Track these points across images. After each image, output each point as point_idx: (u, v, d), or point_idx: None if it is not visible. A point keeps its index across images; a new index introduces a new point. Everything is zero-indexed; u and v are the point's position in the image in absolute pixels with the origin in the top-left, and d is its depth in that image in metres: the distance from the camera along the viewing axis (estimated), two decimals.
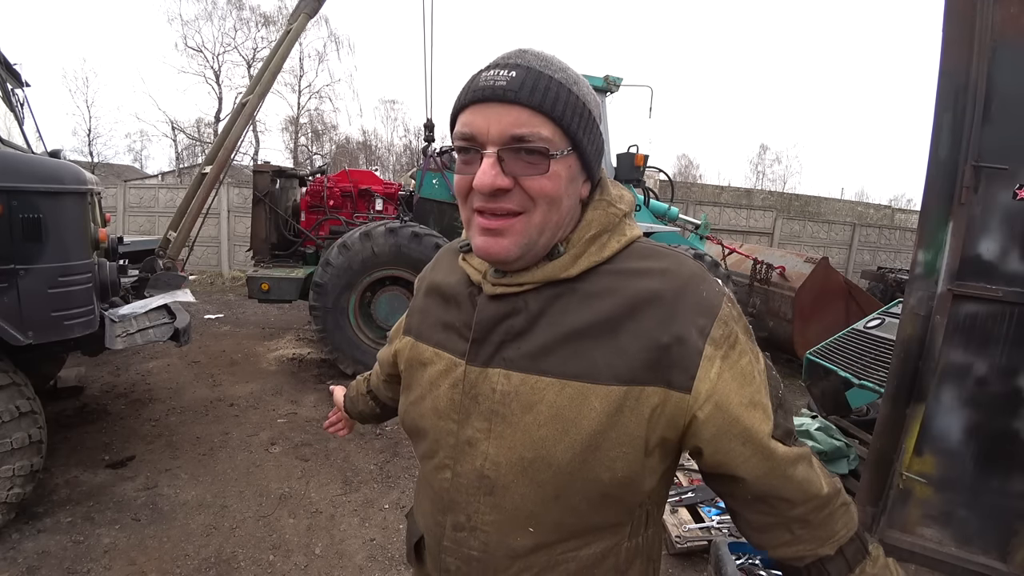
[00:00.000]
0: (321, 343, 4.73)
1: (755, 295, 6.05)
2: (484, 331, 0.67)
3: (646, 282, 0.63)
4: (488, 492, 0.66)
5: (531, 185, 0.60)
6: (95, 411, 3.81)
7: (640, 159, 5.29)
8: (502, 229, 0.62)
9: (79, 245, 2.45)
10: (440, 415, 0.70)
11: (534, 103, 0.58)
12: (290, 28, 4.95)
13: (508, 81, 0.58)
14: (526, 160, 0.59)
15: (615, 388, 0.61)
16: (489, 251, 0.63)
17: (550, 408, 0.62)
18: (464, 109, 0.62)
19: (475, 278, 0.70)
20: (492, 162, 0.59)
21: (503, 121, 0.58)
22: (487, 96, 0.59)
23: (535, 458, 0.63)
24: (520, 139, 0.59)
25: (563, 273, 0.65)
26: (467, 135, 0.61)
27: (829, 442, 2.79)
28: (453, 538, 0.69)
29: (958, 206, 1.81)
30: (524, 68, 0.59)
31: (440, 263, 0.83)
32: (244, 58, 19.91)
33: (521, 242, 0.62)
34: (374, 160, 24.63)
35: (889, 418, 1.98)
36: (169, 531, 2.55)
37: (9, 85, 3.41)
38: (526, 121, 0.58)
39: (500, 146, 0.59)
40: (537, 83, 0.59)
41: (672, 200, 6.46)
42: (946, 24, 1.80)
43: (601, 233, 0.66)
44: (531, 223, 0.62)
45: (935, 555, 1.95)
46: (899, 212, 17.65)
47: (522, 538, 0.66)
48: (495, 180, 0.59)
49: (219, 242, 9.87)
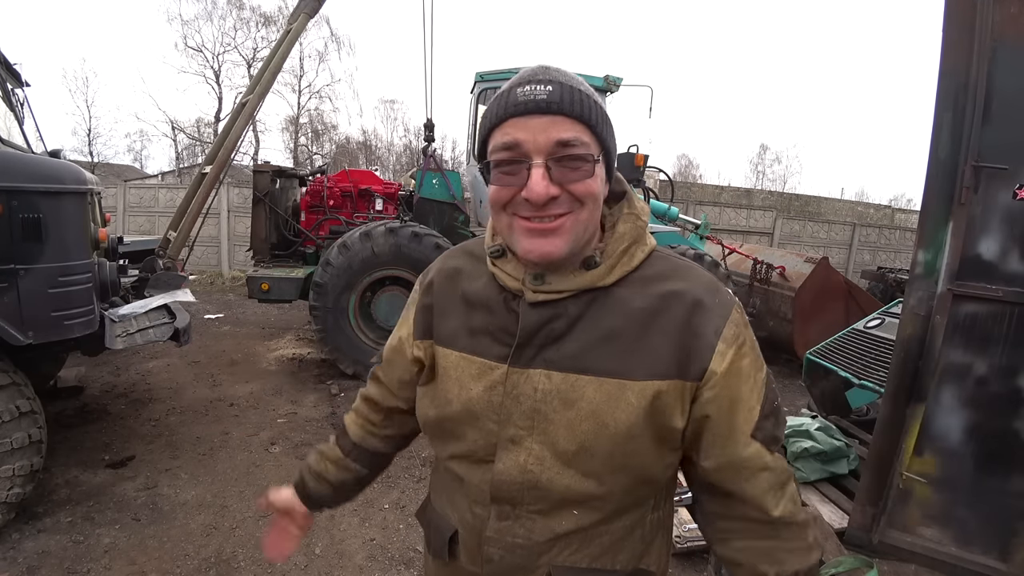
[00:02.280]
0: (321, 343, 4.73)
1: (755, 295, 6.05)
2: (528, 336, 0.70)
3: (671, 285, 0.70)
4: (533, 486, 0.70)
5: (578, 189, 0.64)
6: (95, 411, 3.81)
7: (640, 159, 5.28)
8: (553, 230, 0.65)
9: (79, 245, 2.45)
10: (476, 416, 0.72)
11: (575, 112, 0.63)
12: (290, 28, 4.95)
13: (548, 94, 0.62)
14: (570, 166, 0.63)
15: (648, 383, 0.66)
16: (542, 251, 0.66)
17: (590, 404, 0.67)
18: (502, 123, 0.65)
19: (512, 285, 0.73)
20: (543, 172, 0.63)
21: (548, 130, 0.62)
22: (530, 109, 0.63)
23: (578, 450, 0.68)
24: (566, 144, 0.63)
25: (600, 282, 0.70)
26: (511, 144, 0.64)
27: (829, 442, 2.78)
28: (497, 528, 0.73)
29: (958, 206, 1.81)
30: (558, 83, 0.63)
31: (452, 267, 0.82)
32: (244, 58, 19.95)
33: (571, 239, 0.66)
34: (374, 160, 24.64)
35: (889, 418, 1.98)
36: (169, 531, 2.55)
37: (9, 85, 3.41)
38: (570, 128, 0.63)
39: (547, 155, 0.63)
40: (573, 95, 0.63)
41: (672, 200, 6.46)
42: (946, 24, 1.80)
43: (632, 245, 0.72)
44: (579, 220, 0.66)
45: (935, 555, 1.95)
46: (899, 212, 17.66)
47: (566, 521, 0.71)
48: (548, 190, 0.63)
49: (219, 242, 9.87)
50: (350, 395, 4.39)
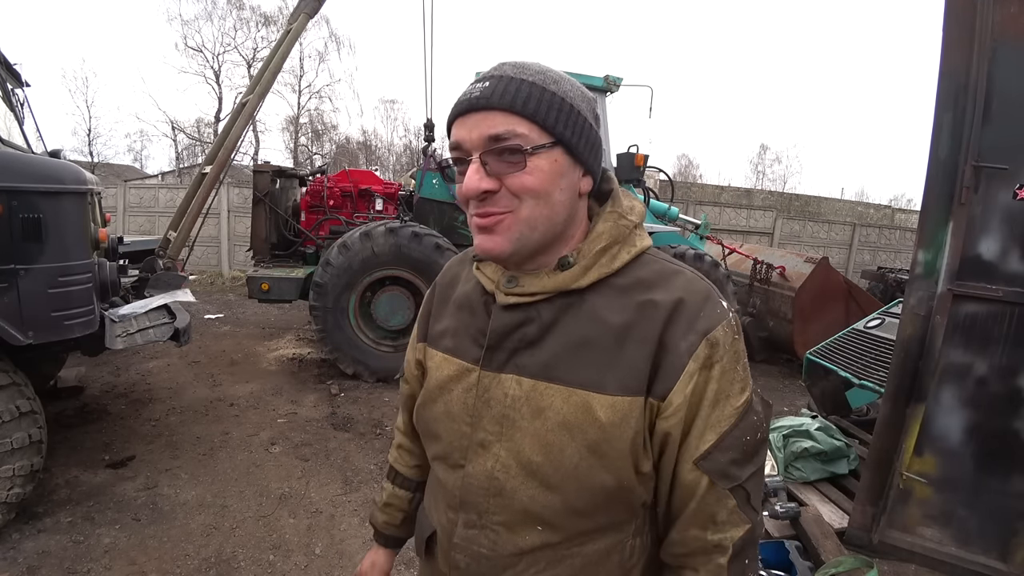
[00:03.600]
0: (321, 343, 4.72)
1: (755, 295, 6.05)
2: (498, 339, 0.70)
3: (651, 294, 0.66)
4: (497, 493, 0.69)
5: (513, 183, 0.63)
6: (95, 411, 3.81)
7: (640, 159, 5.28)
8: (493, 226, 0.65)
9: (79, 245, 2.45)
10: (453, 418, 0.72)
11: (505, 104, 0.62)
12: (290, 28, 4.95)
13: (482, 91, 0.63)
14: (506, 160, 0.63)
15: (618, 398, 0.64)
16: (484, 248, 0.66)
17: (557, 414, 0.65)
18: (451, 125, 0.66)
19: (488, 287, 0.73)
20: (476, 167, 0.63)
21: (480, 126, 0.62)
22: (466, 108, 0.64)
23: (543, 462, 0.66)
24: (496, 138, 0.62)
25: (573, 284, 0.67)
26: (454, 145, 0.66)
27: (829, 442, 2.78)
28: (464, 535, 0.72)
29: (958, 206, 1.81)
30: (497, 78, 0.63)
31: (452, 272, 0.85)
32: (244, 58, 19.94)
33: (512, 237, 0.65)
34: (374, 160, 24.63)
35: (889, 418, 1.98)
36: (169, 531, 2.55)
37: (9, 85, 3.41)
38: (500, 122, 0.62)
39: (481, 150, 0.63)
40: (509, 87, 0.62)
41: (672, 200, 6.46)
42: (946, 24, 1.80)
43: (611, 245, 0.69)
44: (519, 218, 0.64)
45: (935, 555, 1.95)
46: (899, 212, 17.65)
47: (530, 537, 0.68)
48: (479, 183, 0.63)
49: (219, 242, 9.87)
50: (350, 395, 4.39)
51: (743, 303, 6.09)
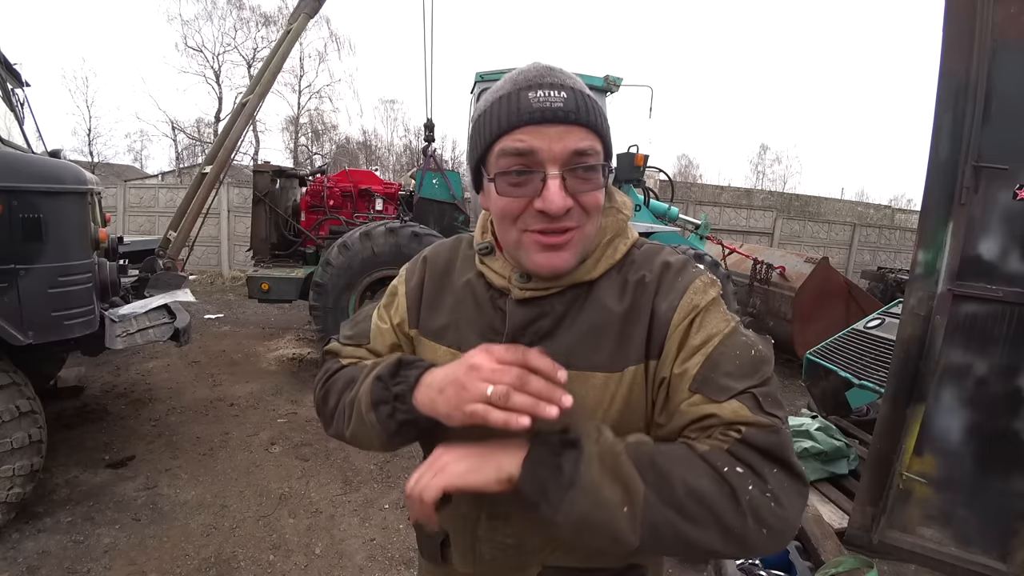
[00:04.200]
0: (321, 343, 4.73)
1: (755, 295, 6.05)
2: (516, 333, 0.70)
3: (641, 274, 0.70)
4: None
5: (588, 200, 0.64)
6: (95, 411, 3.81)
7: (640, 159, 5.29)
8: (563, 244, 0.65)
9: (79, 245, 2.45)
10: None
11: (590, 122, 0.62)
12: (290, 28, 4.95)
13: (564, 102, 0.61)
14: (583, 177, 0.62)
15: (627, 371, 0.67)
16: (551, 265, 0.66)
17: (580, 400, 0.65)
18: (513, 130, 0.62)
19: (499, 283, 0.73)
20: (559, 183, 0.61)
21: (565, 139, 0.61)
22: (547, 117, 0.60)
23: None
24: (582, 154, 0.62)
25: (587, 276, 0.70)
26: (526, 151, 0.61)
27: (829, 442, 2.78)
28: (488, 527, 0.73)
29: (958, 206, 1.81)
30: (570, 89, 0.62)
31: (445, 258, 0.81)
32: (244, 58, 19.90)
33: (578, 252, 0.67)
34: (374, 160, 24.61)
35: (889, 418, 1.98)
36: (169, 531, 2.55)
37: (9, 85, 3.41)
38: (584, 137, 0.62)
39: (564, 166, 0.61)
40: (587, 103, 0.62)
41: (672, 200, 6.47)
42: (946, 24, 1.80)
43: (614, 238, 0.72)
44: (585, 234, 0.66)
45: (935, 555, 1.95)
46: (899, 212, 17.66)
47: None
48: (566, 201, 0.61)
49: (219, 242, 9.87)
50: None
51: (743, 303, 6.09)
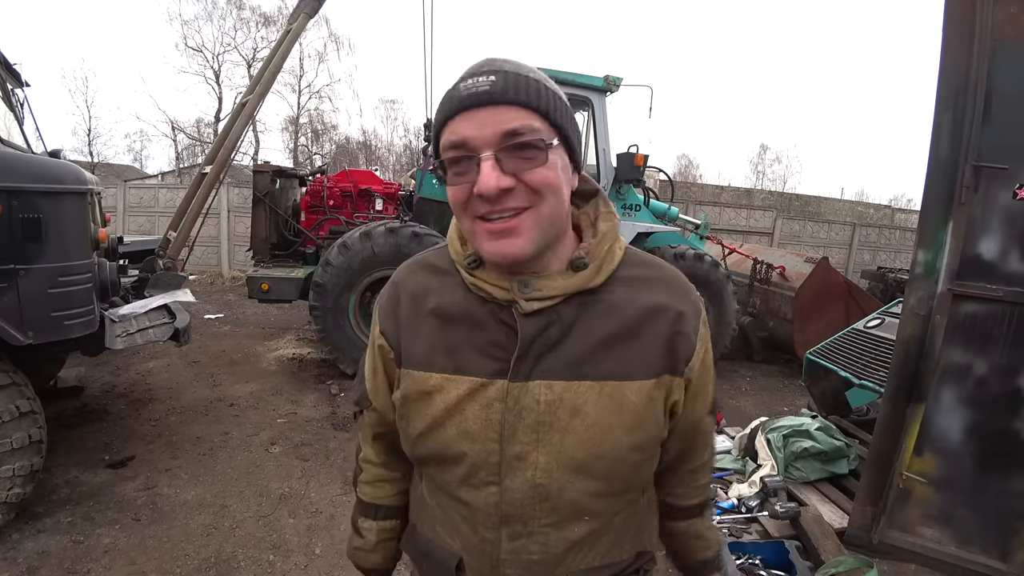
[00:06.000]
0: (321, 343, 4.73)
1: (755, 295, 6.05)
2: (527, 347, 0.67)
3: (655, 291, 0.73)
4: (544, 498, 0.68)
5: (533, 178, 0.61)
6: (95, 411, 3.81)
7: (640, 159, 5.27)
8: (513, 228, 0.63)
9: (79, 245, 2.45)
10: (473, 438, 0.68)
11: (520, 99, 0.60)
12: (290, 28, 4.95)
13: (491, 84, 0.60)
14: (523, 155, 0.61)
15: (645, 382, 0.69)
16: (503, 252, 0.63)
17: (595, 408, 0.67)
18: (448, 121, 0.63)
19: (500, 296, 0.69)
20: (492, 164, 0.60)
21: (493, 121, 0.60)
22: (473, 102, 0.60)
23: (587, 456, 0.68)
24: (514, 133, 0.60)
25: (591, 283, 0.69)
26: (458, 143, 0.62)
27: (829, 442, 2.78)
28: (511, 548, 0.70)
29: (958, 206, 1.81)
30: (502, 72, 0.61)
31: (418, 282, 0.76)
32: (244, 58, 19.92)
33: (535, 237, 0.64)
34: (374, 160, 24.61)
35: (889, 418, 1.98)
36: (169, 531, 2.55)
37: (9, 85, 3.41)
38: (516, 116, 0.60)
39: (496, 147, 0.60)
40: (519, 82, 0.61)
41: (672, 200, 6.45)
42: (946, 24, 1.80)
43: (612, 243, 0.73)
44: (541, 215, 0.63)
45: (935, 555, 1.95)
46: (899, 212, 17.64)
47: (578, 528, 0.71)
48: (499, 181, 0.60)
49: (219, 242, 9.87)
50: (350, 395, 4.39)
51: (743, 303, 6.08)
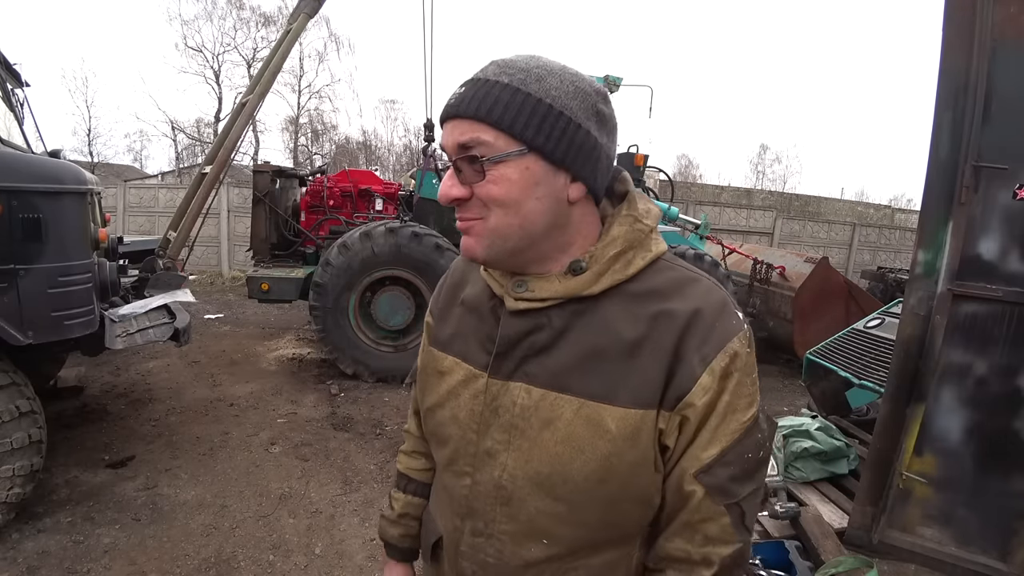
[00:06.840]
0: (321, 343, 4.73)
1: (755, 295, 6.05)
2: (507, 346, 0.68)
3: (667, 303, 0.64)
4: (505, 502, 0.68)
5: (480, 192, 0.63)
6: (95, 411, 3.81)
7: (640, 159, 5.29)
8: (468, 229, 0.65)
9: (79, 245, 2.45)
10: (460, 424, 0.71)
11: (470, 112, 0.60)
12: (290, 28, 4.95)
13: (456, 98, 0.62)
14: (473, 168, 0.62)
15: (630, 411, 0.62)
16: (464, 248, 0.67)
17: (567, 426, 0.63)
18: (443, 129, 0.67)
19: (496, 291, 0.70)
20: (450, 173, 0.64)
21: (453, 133, 0.62)
22: (444, 114, 0.64)
23: (551, 473, 0.64)
24: (464, 147, 0.61)
25: (585, 290, 0.65)
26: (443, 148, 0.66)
27: (829, 442, 2.78)
28: (470, 543, 0.71)
29: (958, 206, 1.81)
30: (473, 82, 0.62)
31: (460, 271, 0.83)
32: (244, 58, 19.94)
33: (483, 243, 0.65)
34: (374, 160, 24.62)
35: (889, 418, 1.98)
36: (169, 531, 2.55)
37: (9, 85, 3.41)
38: (467, 130, 0.61)
39: (455, 157, 0.63)
40: (479, 93, 0.60)
41: (672, 200, 6.47)
42: (946, 24, 1.80)
43: (627, 250, 0.66)
44: (487, 227, 0.64)
45: (935, 555, 1.95)
46: (899, 212, 17.66)
47: (536, 549, 0.67)
48: (449, 190, 0.64)
49: (219, 242, 9.87)
50: (350, 395, 4.39)
51: (743, 303, 6.08)
